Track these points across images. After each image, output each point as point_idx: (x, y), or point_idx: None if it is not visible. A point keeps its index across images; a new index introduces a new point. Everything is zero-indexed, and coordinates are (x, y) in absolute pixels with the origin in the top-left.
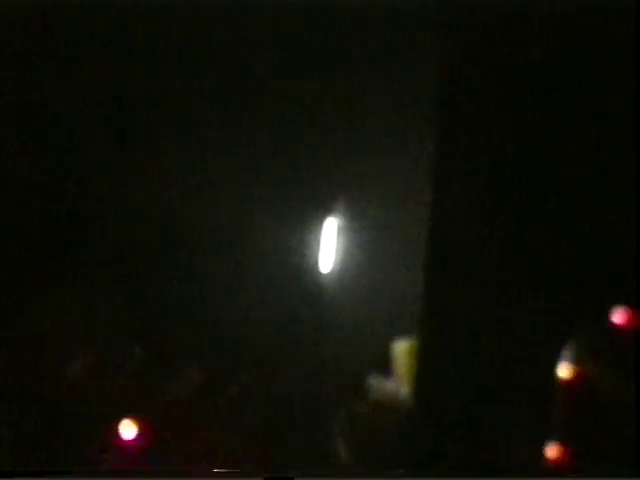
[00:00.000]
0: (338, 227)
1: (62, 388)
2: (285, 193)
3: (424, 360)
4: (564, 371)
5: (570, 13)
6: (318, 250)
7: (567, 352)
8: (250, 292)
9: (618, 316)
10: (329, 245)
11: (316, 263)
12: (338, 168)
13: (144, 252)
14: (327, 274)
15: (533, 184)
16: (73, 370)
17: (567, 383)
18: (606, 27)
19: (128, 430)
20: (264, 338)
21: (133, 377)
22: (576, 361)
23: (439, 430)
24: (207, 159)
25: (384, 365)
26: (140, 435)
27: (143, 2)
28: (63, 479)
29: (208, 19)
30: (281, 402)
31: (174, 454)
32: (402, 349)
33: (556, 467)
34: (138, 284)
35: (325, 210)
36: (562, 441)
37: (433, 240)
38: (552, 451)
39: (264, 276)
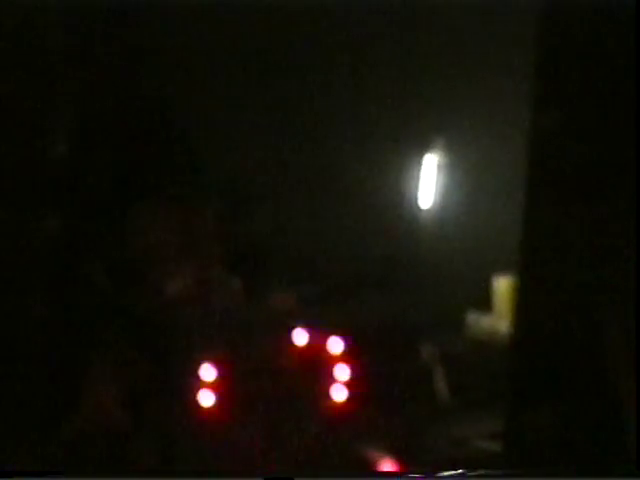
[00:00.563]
0: (438, 164)
1: (158, 308)
2: (384, 129)
3: (523, 297)
4: None
5: None
6: (418, 186)
7: None
8: (349, 228)
9: None
10: (429, 182)
11: (416, 199)
12: (438, 105)
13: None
14: (426, 210)
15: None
16: (170, 291)
17: None
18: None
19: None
20: (363, 274)
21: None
22: None
23: (536, 368)
24: (307, 97)
25: (484, 302)
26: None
27: None
28: (63, 479)
29: None
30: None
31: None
32: (502, 285)
33: None
34: (238, 213)
35: (425, 146)
36: None
37: (533, 177)
38: None
39: (363, 212)
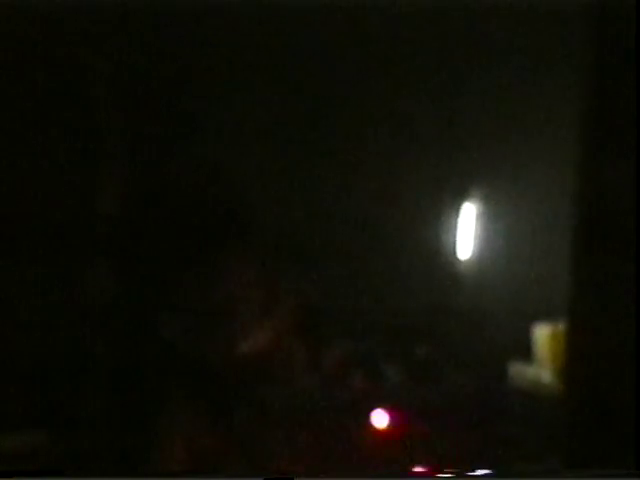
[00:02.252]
0: (476, 212)
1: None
2: (421, 177)
3: (571, 345)
4: None
5: None
6: (456, 236)
7: None
8: (387, 280)
9: None
10: (467, 231)
11: (454, 249)
12: (476, 150)
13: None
14: (465, 260)
15: None
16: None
17: None
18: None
19: None
20: (402, 326)
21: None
22: None
23: (585, 418)
24: (347, 148)
25: (525, 352)
26: None
27: None
28: (64, 479)
29: None
30: None
31: None
32: (544, 334)
33: None
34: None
35: (462, 195)
36: None
37: (577, 225)
38: None
39: (401, 264)
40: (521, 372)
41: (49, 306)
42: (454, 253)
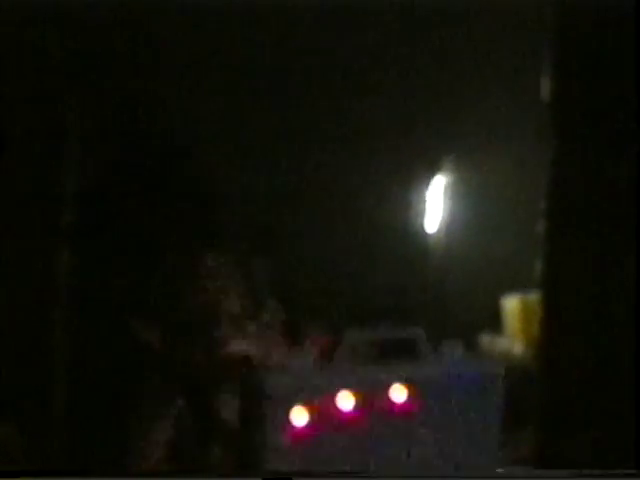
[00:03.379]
0: (446, 185)
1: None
2: (390, 151)
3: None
4: None
5: None
6: (425, 209)
7: None
8: (356, 250)
9: None
10: (437, 203)
11: (423, 222)
12: (447, 122)
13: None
14: (435, 233)
15: None
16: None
17: None
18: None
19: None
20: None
21: None
22: None
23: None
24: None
25: (495, 323)
26: None
27: None
28: (65, 479)
29: None
30: None
31: None
32: (513, 305)
33: None
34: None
35: (433, 167)
36: None
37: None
38: None
39: (371, 233)
40: (491, 343)
41: (24, 302)
42: (423, 226)
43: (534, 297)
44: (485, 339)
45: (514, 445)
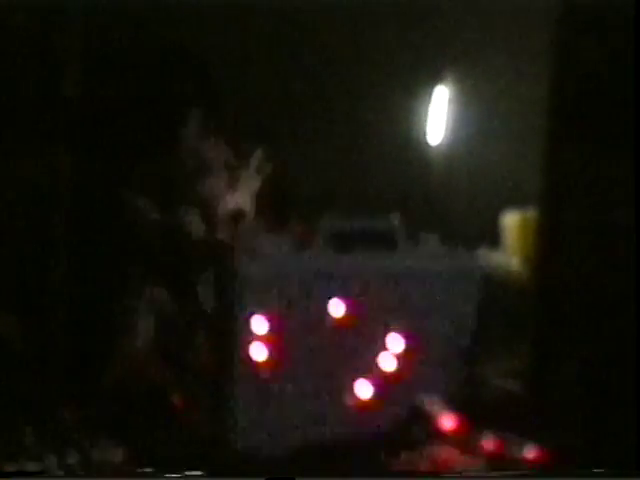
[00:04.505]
0: (448, 96)
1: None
2: (393, 61)
3: (542, 233)
4: None
5: None
6: (427, 121)
7: None
8: (357, 164)
9: None
10: (439, 115)
11: (425, 134)
12: (450, 34)
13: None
14: (436, 145)
15: None
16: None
17: None
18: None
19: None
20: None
21: None
22: None
23: (555, 304)
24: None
25: (494, 238)
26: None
27: None
28: (64, 479)
29: None
30: None
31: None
32: (513, 221)
33: None
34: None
35: (435, 78)
36: None
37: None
38: None
39: (372, 148)
40: (489, 258)
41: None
42: (425, 138)
43: (533, 213)
44: (482, 253)
45: (506, 359)
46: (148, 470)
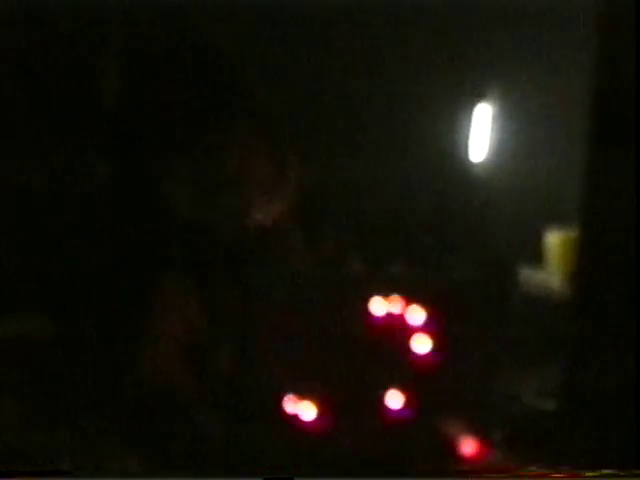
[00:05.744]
0: (491, 114)
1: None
2: (436, 76)
3: (584, 252)
4: None
5: None
6: (469, 137)
7: None
8: (397, 177)
9: None
10: (481, 132)
11: (467, 150)
12: (494, 51)
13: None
14: (478, 162)
15: None
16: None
17: None
18: None
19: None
20: (412, 227)
21: None
22: None
23: (597, 321)
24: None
25: (537, 257)
26: None
27: None
28: (64, 479)
29: None
30: None
31: None
32: (556, 240)
33: None
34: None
35: (478, 95)
36: None
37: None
38: None
39: (413, 162)
40: (530, 277)
41: (50, 178)
42: (467, 154)
43: (576, 232)
44: (523, 272)
45: (539, 377)
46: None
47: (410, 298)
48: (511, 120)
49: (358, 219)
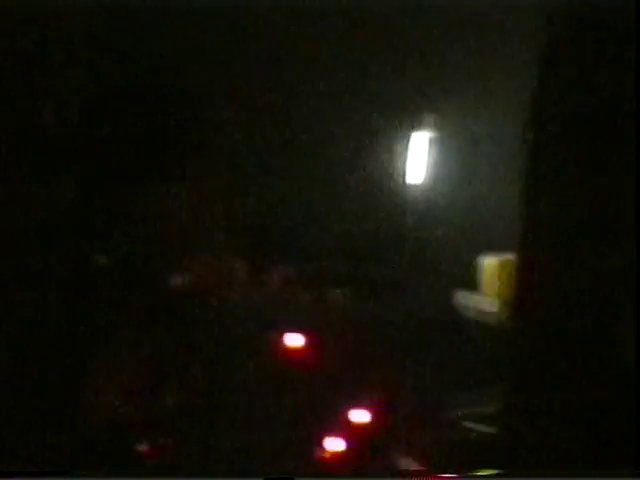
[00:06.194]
0: (429, 139)
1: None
2: (374, 102)
3: (520, 276)
4: None
5: None
6: (407, 162)
7: None
8: (335, 203)
9: None
10: (419, 157)
11: (405, 175)
12: (428, 79)
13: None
14: (415, 186)
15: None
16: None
17: None
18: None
19: None
20: (349, 251)
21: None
22: None
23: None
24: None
25: (471, 282)
26: None
27: None
28: (63, 479)
29: None
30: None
31: None
32: (492, 265)
33: None
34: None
35: (415, 123)
36: None
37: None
38: None
39: (351, 188)
40: (466, 300)
41: None
42: (404, 179)
43: (512, 258)
44: (460, 295)
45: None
46: None
47: (347, 325)
48: (448, 147)
49: (299, 249)
